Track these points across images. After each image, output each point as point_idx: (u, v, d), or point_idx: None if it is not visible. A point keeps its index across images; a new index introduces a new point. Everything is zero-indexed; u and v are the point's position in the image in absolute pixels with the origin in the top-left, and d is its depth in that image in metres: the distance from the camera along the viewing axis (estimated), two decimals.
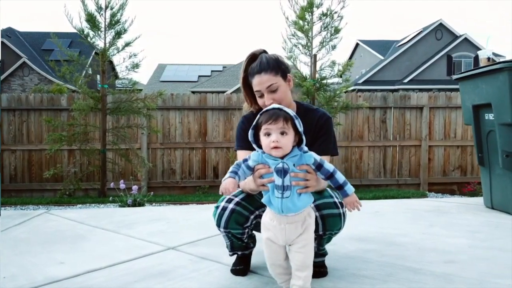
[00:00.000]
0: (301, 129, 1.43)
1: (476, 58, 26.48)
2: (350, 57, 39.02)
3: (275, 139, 1.38)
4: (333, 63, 5.92)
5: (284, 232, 1.43)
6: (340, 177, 1.47)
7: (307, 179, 1.44)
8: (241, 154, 1.75)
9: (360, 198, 1.56)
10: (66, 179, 6.03)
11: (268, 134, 1.40)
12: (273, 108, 1.45)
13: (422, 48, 29.51)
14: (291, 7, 5.61)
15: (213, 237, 2.56)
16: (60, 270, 2.03)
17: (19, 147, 6.92)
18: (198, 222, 3.13)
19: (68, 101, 6.92)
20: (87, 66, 6.75)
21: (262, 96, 1.74)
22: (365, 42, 36.33)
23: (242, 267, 1.93)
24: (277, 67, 1.74)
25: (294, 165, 1.41)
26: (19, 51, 29.92)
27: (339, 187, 1.47)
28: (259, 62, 1.73)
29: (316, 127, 1.80)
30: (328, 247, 1.91)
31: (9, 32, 31.96)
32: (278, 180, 1.39)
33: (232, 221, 1.71)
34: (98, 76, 7.33)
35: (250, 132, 1.47)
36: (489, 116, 3.17)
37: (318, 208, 1.66)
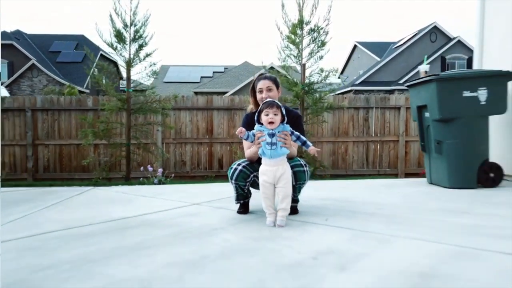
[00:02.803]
0: (284, 113, 2.55)
1: (470, 60, 27.60)
2: (348, 58, 40.17)
3: (271, 117, 2.50)
4: (321, 70, 7.01)
5: (272, 173, 2.54)
6: (303, 138, 2.62)
7: (286, 139, 2.55)
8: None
9: None
10: (97, 168, 7.15)
11: (267, 114, 2.52)
12: (271, 101, 2.58)
13: (417, 50, 30.56)
14: (284, 23, 6.73)
15: (223, 199, 3.67)
16: (124, 214, 3.13)
17: (51, 142, 8.05)
18: (211, 192, 4.24)
19: (93, 103, 8.05)
20: (93, 67, 7.79)
21: (261, 92, 2.88)
22: (362, 43, 37.42)
23: (243, 210, 3.04)
24: (275, 80, 2.95)
25: (278, 132, 2.53)
26: (28, 53, 30.93)
27: (303, 143, 2.61)
28: (265, 75, 2.92)
29: (291, 121, 2.91)
30: (301, 201, 3.01)
31: (18, 35, 33.03)
32: (268, 139, 2.51)
33: (240, 176, 2.82)
34: (104, 78, 8.44)
35: (256, 115, 2.58)
36: (427, 114, 4.27)
37: (292, 167, 2.75)
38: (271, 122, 2.50)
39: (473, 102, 3.96)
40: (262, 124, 2.57)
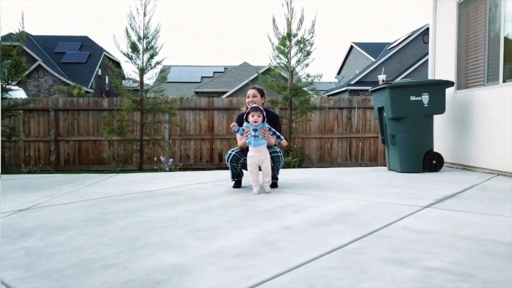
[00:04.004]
0: (265, 116, 3.64)
1: None
2: (345, 59, 41.27)
3: (255, 118, 3.59)
4: (308, 75, 8.11)
5: (258, 157, 3.63)
6: (278, 134, 3.71)
7: (265, 133, 3.64)
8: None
9: None
10: (112, 161, 8.26)
11: (252, 116, 3.60)
12: (256, 106, 3.66)
13: (411, 51, 31.59)
14: (275, 36, 7.82)
15: (222, 180, 4.76)
16: (148, 189, 4.22)
17: (71, 138, 9.15)
18: (213, 176, 5.33)
19: (108, 104, 9.14)
20: (97, 67, 8.90)
21: (249, 97, 3.98)
22: (358, 44, 38.51)
23: (238, 185, 4.13)
24: (261, 91, 4.03)
25: (260, 127, 3.61)
26: (34, 54, 31.89)
27: (278, 137, 3.71)
28: (254, 86, 4.05)
29: (271, 120, 4.00)
30: (282, 181, 4.11)
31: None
32: (253, 133, 3.60)
33: (233, 159, 3.92)
34: (107, 78, 9.51)
35: (245, 115, 3.67)
36: (384, 114, 5.36)
37: (270, 153, 3.84)
38: (255, 121, 3.59)
39: (418, 105, 5.05)
40: (249, 122, 3.65)
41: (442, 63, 6.01)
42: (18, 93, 12.26)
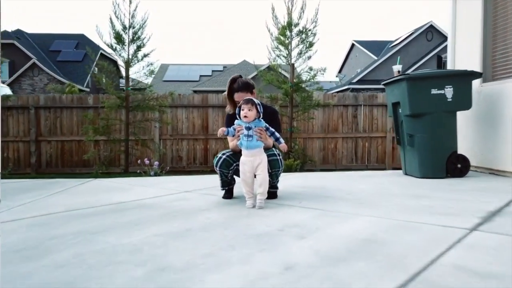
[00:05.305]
0: (261, 110, 2.91)
1: None
2: (346, 57, 40.52)
3: (245, 112, 2.86)
4: (310, 68, 7.39)
5: (251, 163, 2.90)
6: (277, 135, 2.97)
7: (261, 134, 2.91)
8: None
9: None
10: (98, 162, 7.53)
11: (243, 110, 2.88)
12: (248, 98, 2.93)
13: (414, 49, 30.90)
14: (274, 25, 7.09)
15: (211, 188, 4.04)
16: (122, 199, 3.51)
17: (54, 138, 8.43)
18: (201, 182, 4.61)
19: (94, 101, 8.42)
20: (93, 66, 8.14)
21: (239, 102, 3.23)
22: (360, 42, 37.76)
23: (228, 195, 3.41)
24: (247, 87, 3.27)
25: (255, 126, 2.88)
26: (29, 52, 31.21)
27: (276, 139, 2.97)
28: (237, 85, 3.27)
29: (268, 116, 3.27)
30: (282, 189, 3.38)
31: (19, 34, 33.32)
32: (245, 132, 2.87)
33: (223, 164, 3.20)
34: (104, 76, 8.79)
35: (237, 109, 2.94)
36: (400, 110, 4.64)
37: (267, 157, 3.13)
38: (245, 116, 2.86)
39: (441, 99, 4.33)
40: (240, 118, 2.93)
41: (463, 53, 5.29)
42: (3, 90, 11.53)
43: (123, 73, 7.58)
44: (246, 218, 2.62)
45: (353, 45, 38.96)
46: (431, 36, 30.84)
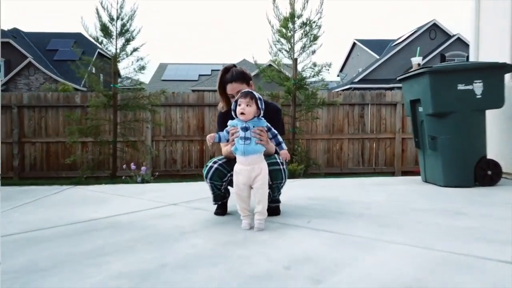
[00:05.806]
0: (262, 106, 2.31)
1: (468, 58, 27.37)
2: (348, 56, 39.90)
3: (242, 108, 2.26)
4: (314, 64, 6.79)
5: (248, 172, 2.30)
6: (279, 139, 2.36)
7: (261, 135, 2.31)
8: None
9: None
10: (83, 166, 6.92)
11: (239, 105, 2.28)
12: (247, 91, 2.33)
13: (417, 48, 30.31)
14: (275, 17, 6.50)
15: (203, 199, 3.45)
16: (96, 215, 2.92)
17: (38, 140, 7.83)
18: (191, 191, 4.01)
19: (81, 99, 7.82)
20: (91, 65, 7.49)
21: (233, 97, 2.63)
22: (361, 41, 37.14)
23: (221, 211, 2.82)
24: (243, 78, 2.65)
25: (253, 126, 2.28)
26: (25, 51, 30.66)
27: (278, 144, 2.37)
28: (231, 74, 2.64)
29: (270, 114, 2.68)
30: (286, 201, 2.79)
31: (15, 33, 32.74)
32: (242, 134, 2.26)
33: (215, 175, 2.60)
34: (101, 75, 8.21)
35: (233, 105, 2.34)
36: (420, 109, 4.05)
37: (268, 166, 2.53)
38: (242, 113, 2.27)
39: (469, 96, 3.73)
40: (236, 117, 2.34)
41: (489, 43, 4.69)
42: None
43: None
44: (241, 247, 2.03)
45: (354, 44, 38.36)
46: (435, 34, 30.26)
